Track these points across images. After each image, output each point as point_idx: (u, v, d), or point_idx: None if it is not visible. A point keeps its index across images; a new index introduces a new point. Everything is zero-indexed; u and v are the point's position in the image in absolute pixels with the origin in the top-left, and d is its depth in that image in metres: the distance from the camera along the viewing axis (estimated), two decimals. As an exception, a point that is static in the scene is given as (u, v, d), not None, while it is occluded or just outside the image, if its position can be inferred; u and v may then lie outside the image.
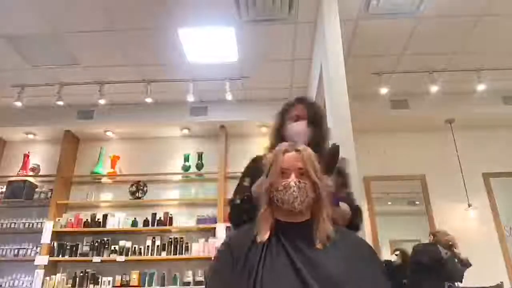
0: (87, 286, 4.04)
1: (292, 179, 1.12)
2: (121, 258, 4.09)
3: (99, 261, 4.11)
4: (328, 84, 2.66)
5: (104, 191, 4.68)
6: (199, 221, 4.29)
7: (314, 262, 1.01)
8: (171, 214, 4.33)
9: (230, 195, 1.47)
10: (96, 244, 4.21)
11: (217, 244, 3.87)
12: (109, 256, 4.14)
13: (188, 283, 4.04)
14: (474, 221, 4.40)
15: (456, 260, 3.16)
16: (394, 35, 3.56)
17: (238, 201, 1.37)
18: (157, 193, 4.61)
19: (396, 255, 3.77)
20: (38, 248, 4.19)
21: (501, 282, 3.41)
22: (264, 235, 1.08)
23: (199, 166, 4.61)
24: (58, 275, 4.10)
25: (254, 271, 1.00)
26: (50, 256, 4.11)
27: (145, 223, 4.30)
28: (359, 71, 3.95)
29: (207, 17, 3.32)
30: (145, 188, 4.61)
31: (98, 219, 4.34)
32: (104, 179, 4.69)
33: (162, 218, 4.30)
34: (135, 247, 4.18)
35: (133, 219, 4.33)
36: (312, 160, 1.16)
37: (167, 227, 4.27)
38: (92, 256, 4.14)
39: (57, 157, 4.62)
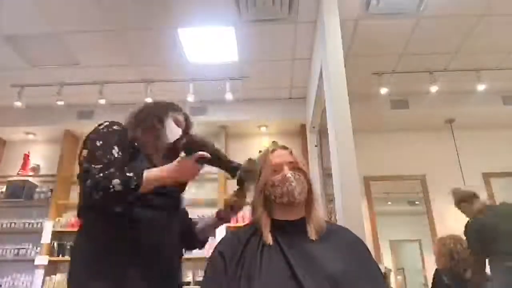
0: (87, 286, 4.04)
1: (287, 171, 1.14)
2: (121, 258, 4.08)
3: (99, 261, 4.10)
4: (328, 84, 2.66)
5: (104, 191, 4.67)
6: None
7: (310, 257, 1.01)
8: (171, 214, 4.32)
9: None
10: (96, 244, 4.21)
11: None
12: (109, 256, 4.14)
13: (188, 283, 4.04)
14: (474, 221, 4.39)
15: None
16: (394, 35, 3.56)
17: (119, 187, 1.07)
18: (157, 193, 4.60)
19: None
20: (38, 248, 4.19)
21: (501, 282, 3.40)
22: (268, 238, 1.07)
23: (199, 166, 4.60)
24: (58, 275, 4.10)
25: (251, 273, 0.99)
26: (50, 256, 4.11)
27: (145, 223, 4.29)
28: (359, 71, 3.95)
29: (207, 17, 3.32)
30: (145, 188, 4.61)
31: (98, 219, 4.34)
32: (104, 179, 4.68)
33: (162, 218, 4.29)
34: (135, 247, 4.18)
35: (133, 219, 4.32)
36: (299, 155, 1.20)
37: (167, 227, 4.26)
38: (92, 256, 4.14)
39: (57, 157, 4.62)
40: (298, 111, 4.56)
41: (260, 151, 1.51)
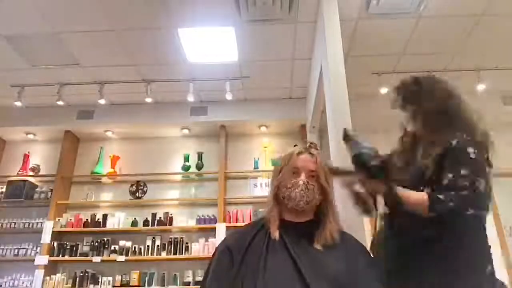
0: (87, 286, 4.04)
1: (302, 179, 1.14)
2: (121, 258, 4.09)
3: (99, 261, 4.11)
4: (328, 84, 2.66)
5: (104, 191, 4.68)
6: (199, 221, 4.29)
7: (315, 261, 1.02)
8: (171, 214, 4.33)
9: (230, 195, 1.50)
10: (96, 244, 4.22)
11: (217, 244, 3.87)
12: (109, 256, 4.14)
13: (188, 283, 4.04)
14: (474, 221, 4.39)
15: None
16: (394, 35, 3.56)
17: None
18: (157, 193, 4.61)
19: None
20: (38, 248, 4.19)
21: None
22: (275, 233, 1.09)
23: (199, 166, 4.61)
24: (58, 275, 4.10)
25: (256, 268, 1.00)
26: (50, 256, 4.11)
27: (145, 223, 4.30)
28: (359, 71, 3.95)
29: (207, 17, 3.32)
30: (145, 188, 4.62)
31: (98, 219, 4.34)
32: (104, 179, 4.69)
33: (162, 218, 4.30)
34: (135, 247, 4.18)
35: (133, 219, 4.33)
36: (323, 164, 1.20)
37: (167, 227, 4.27)
38: (92, 256, 4.14)
39: (57, 157, 4.63)
40: (298, 111, 4.56)
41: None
